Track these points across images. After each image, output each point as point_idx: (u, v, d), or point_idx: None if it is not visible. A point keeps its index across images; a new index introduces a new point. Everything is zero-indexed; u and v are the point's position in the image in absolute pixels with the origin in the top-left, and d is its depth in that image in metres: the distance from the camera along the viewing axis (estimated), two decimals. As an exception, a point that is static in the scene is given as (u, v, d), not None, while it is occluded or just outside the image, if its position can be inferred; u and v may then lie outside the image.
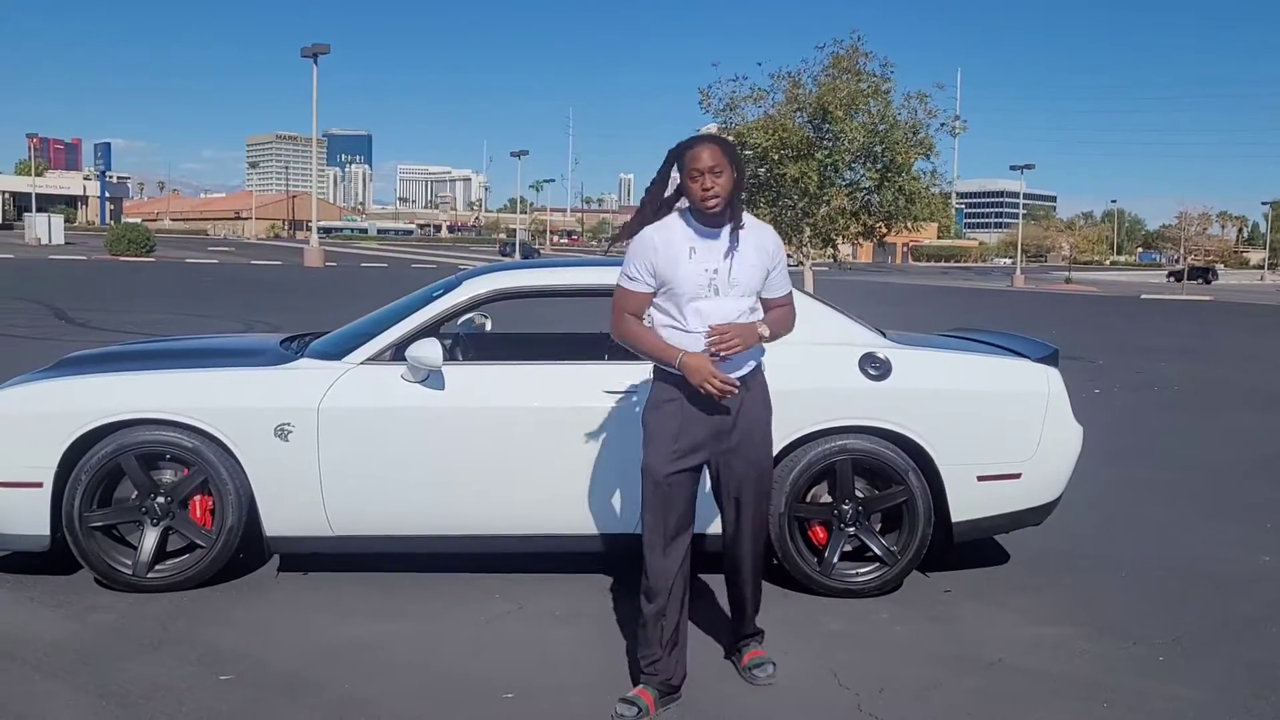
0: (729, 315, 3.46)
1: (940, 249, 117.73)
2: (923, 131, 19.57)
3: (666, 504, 3.53)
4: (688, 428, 3.52)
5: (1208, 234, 64.58)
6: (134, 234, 48.46)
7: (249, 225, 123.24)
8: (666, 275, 3.47)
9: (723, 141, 3.59)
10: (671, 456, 3.52)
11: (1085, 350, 16.69)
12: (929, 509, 4.68)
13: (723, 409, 3.51)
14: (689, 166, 3.43)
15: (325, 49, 47.49)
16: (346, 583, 4.80)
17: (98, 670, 3.80)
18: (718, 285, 3.47)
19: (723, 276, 3.47)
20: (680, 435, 3.52)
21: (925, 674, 3.93)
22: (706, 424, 3.52)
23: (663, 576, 3.56)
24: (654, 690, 3.58)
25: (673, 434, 3.52)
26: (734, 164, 3.47)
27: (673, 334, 3.50)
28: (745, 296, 3.52)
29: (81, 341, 13.25)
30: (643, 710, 3.50)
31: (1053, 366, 4.99)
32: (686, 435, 3.52)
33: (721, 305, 3.47)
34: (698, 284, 3.46)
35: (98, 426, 4.52)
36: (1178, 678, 3.94)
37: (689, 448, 3.53)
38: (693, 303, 3.46)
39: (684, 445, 3.52)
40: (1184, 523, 6.28)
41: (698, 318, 3.46)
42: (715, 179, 3.40)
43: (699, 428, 3.52)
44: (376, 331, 4.78)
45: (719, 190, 3.41)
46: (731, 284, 3.48)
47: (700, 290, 3.46)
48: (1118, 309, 34.16)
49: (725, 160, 3.43)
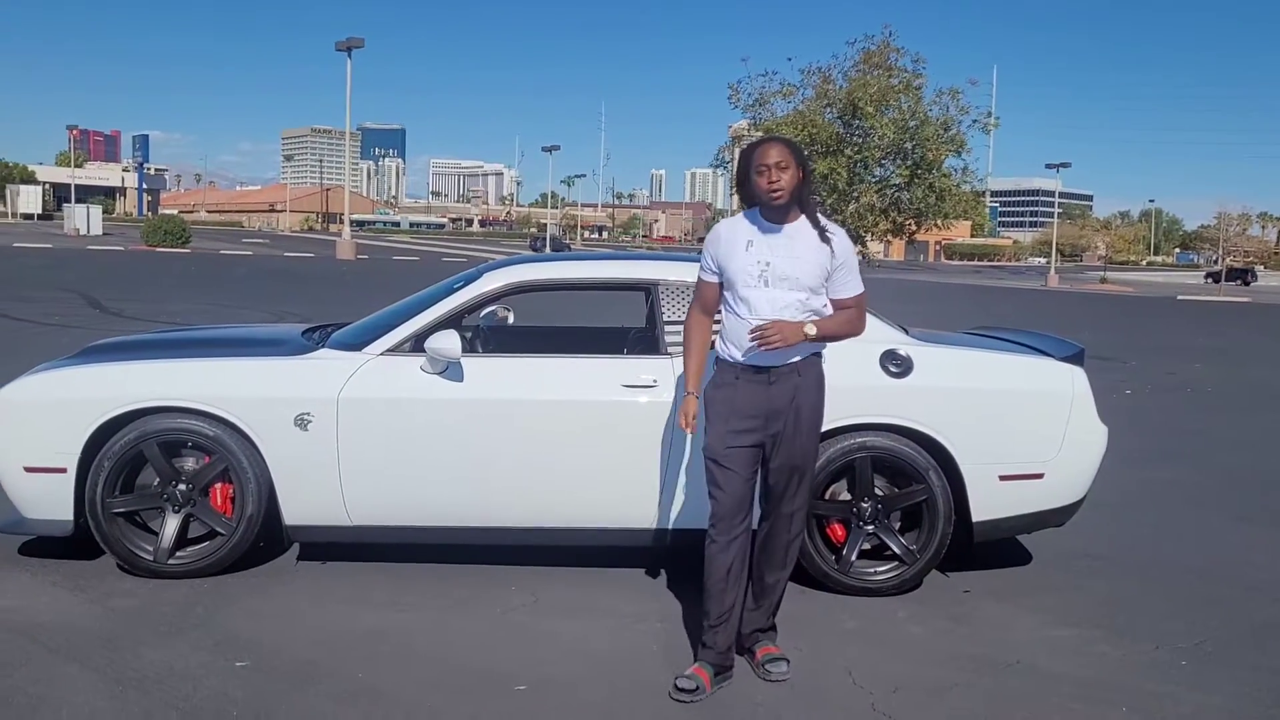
0: (776, 306, 3.61)
1: (973, 248, 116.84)
2: (954, 128, 19.44)
3: (725, 482, 3.69)
4: (740, 407, 3.69)
5: (1247, 234, 63.68)
6: (170, 225, 49.04)
7: (283, 218, 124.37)
8: (724, 265, 3.71)
9: (789, 142, 3.79)
10: (726, 435, 3.69)
11: (1117, 351, 16.50)
12: (949, 508, 4.63)
13: (777, 394, 3.67)
14: (757, 163, 3.64)
15: (360, 43, 47.83)
16: (364, 572, 4.82)
17: (116, 655, 3.84)
18: (768, 278, 3.64)
19: (774, 269, 3.63)
20: (732, 415, 3.69)
21: (941, 674, 3.89)
22: (759, 405, 3.69)
23: (722, 556, 3.71)
24: (710, 668, 3.68)
25: (725, 415, 3.70)
26: (800, 163, 3.67)
27: (731, 320, 3.71)
28: (796, 290, 3.64)
29: (115, 331, 13.40)
30: (700, 688, 3.61)
31: (1078, 366, 4.93)
32: (739, 415, 3.69)
33: (769, 296, 3.62)
34: (749, 275, 3.65)
35: (121, 414, 4.56)
36: (1200, 684, 3.88)
37: (742, 427, 3.69)
38: (743, 291, 3.66)
39: (736, 425, 3.69)
40: (1210, 526, 6.19)
41: (746, 307, 3.65)
42: (781, 173, 3.59)
43: (752, 408, 3.68)
44: (397, 323, 4.79)
45: (783, 184, 3.60)
46: (781, 277, 3.62)
47: (750, 281, 3.64)
48: (1153, 310, 33.75)
49: (790, 158, 3.63)
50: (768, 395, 3.68)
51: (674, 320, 4.69)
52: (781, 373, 3.68)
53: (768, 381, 3.67)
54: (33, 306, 17.33)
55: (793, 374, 3.68)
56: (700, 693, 3.60)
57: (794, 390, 3.68)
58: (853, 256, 3.79)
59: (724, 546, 3.69)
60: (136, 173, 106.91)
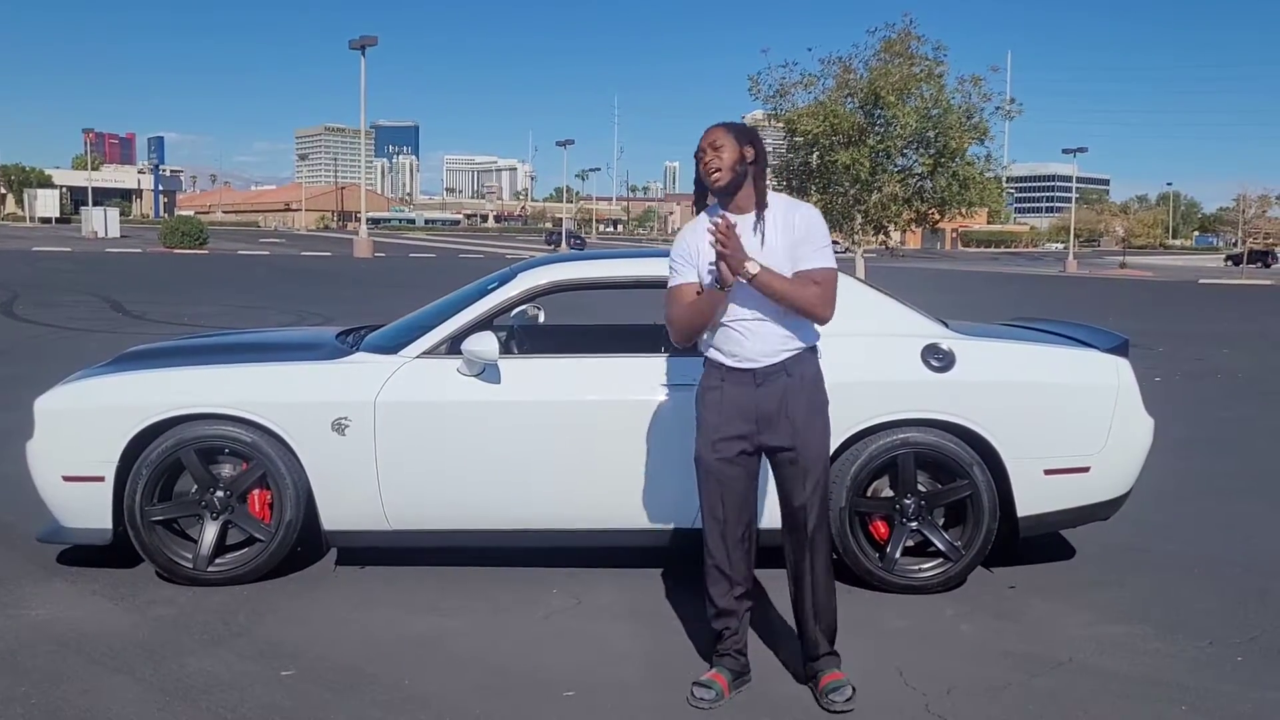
0: (753, 295, 3.42)
1: (990, 234, 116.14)
2: (977, 116, 19.28)
3: (716, 490, 3.56)
4: (729, 414, 3.52)
5: (1267, 216, 62.96)
6: (187, 226, 49.24)
7: (299, 217, 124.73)
8: (695, 263, 3.52)
9: (730, 124, 3.59)
10: (714, 443, 3.54)
11: (1144, 337, 16.33)
12: (994, 503, 4.56)
13: (764, 396, 3.49)
14: (697, 152, 3.53)
15: (373, 41, 47.91)
16: (404, 577, 4.79)
17: (160, 664, 3.82)
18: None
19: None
20: (722, 423, 3.53)
21: (994, 674, 3.83)
22: (748, 411, 3.51)
23: (721, 564, 3.60)
24: (727, 673, 3.60)
25: (715, 422, 3.55)
26: (742, 142, 3.48)
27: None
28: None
29: (138, 334, 13.46)
30: (718, 694, 3.53)
31: (1123, 357, 4.85)
32: (729, 423, 3.52)
33: (746, 288, 3.41)
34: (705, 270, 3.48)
35: (158, 421, 4.54)
36: (1259, 679, 3.80)
37: (732, 434, 3.53)
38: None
39: (726, 432, 3.53)
40: (1254, 516, 6.10)
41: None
42: (716, 153, 3.46)
43: (740, 414, 3.52)
44: (432, 325, 4.76)
45: (720, 163, 3.45)
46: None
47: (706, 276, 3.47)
48: (1175, 294, 33.48)
49: (728, 137, 3.47)
50: (754, 398, 3.49)
51: (712, 318, 4.64)
52: (768, 373, 3.48)
53: (754, 383, 3.48)
54: (56, 311, 17.42)
55: (779, 374, 3.48)
56: (719, 699, 3.51)
57: (783, 391, 3.48)
58: (817, 230, 3.50)
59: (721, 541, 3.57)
60: (152, 174, 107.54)
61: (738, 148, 3.46)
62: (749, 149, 3.49)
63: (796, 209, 3.56)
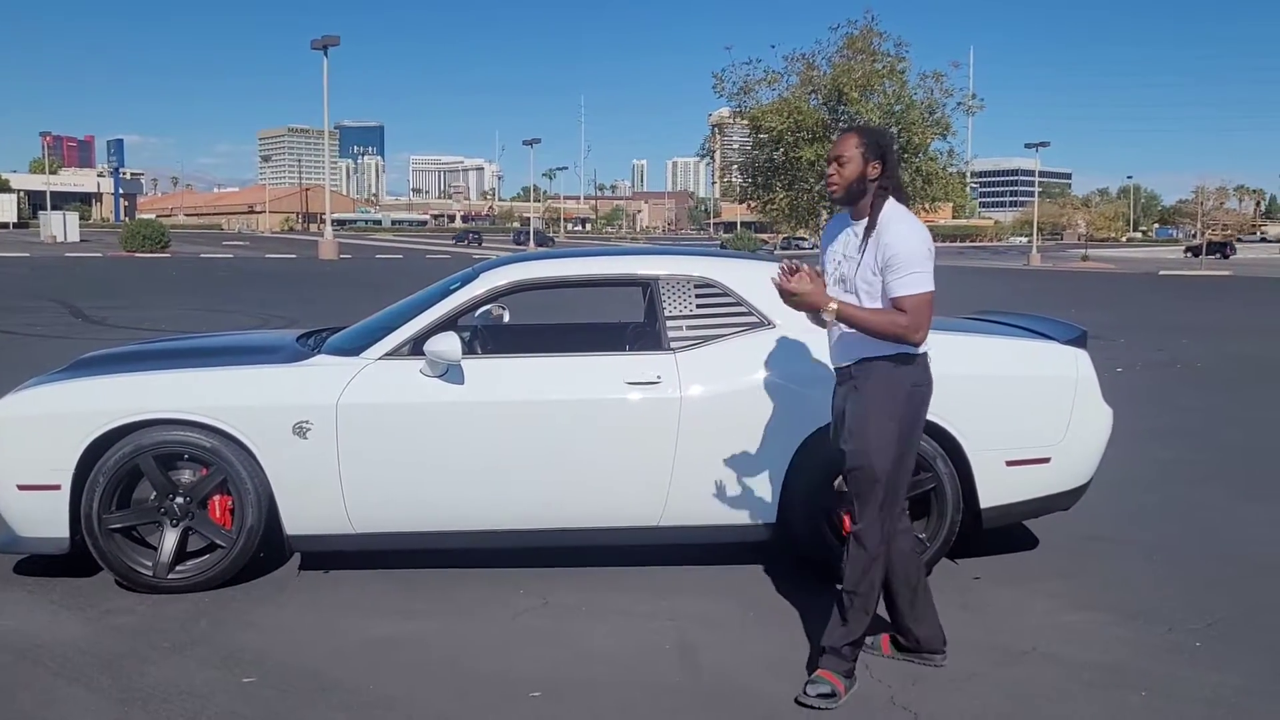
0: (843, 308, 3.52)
1: (955, 229, 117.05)
2: (939, 111, 19.44)
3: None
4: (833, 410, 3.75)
5: (1225, 208, 63.90)
6: (149, 230, 48.55)
7: (263, 219, 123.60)
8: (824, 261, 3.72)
9: (858, 131, 3.65)
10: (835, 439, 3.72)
11: (1105, 329, 16.51)
12: (958, 495, 4.60)
13: (839, 397, 3.67)
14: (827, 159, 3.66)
15: (335, 41, 47.45)
16: (368, 580, 4.75)
17: (120, 674, 3.76)
18: (834, 277, 3.61)
19: (837, 270, 3.60)
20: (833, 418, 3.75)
21: (959, 664, 3.85)
22: (835, 410, 3.73)
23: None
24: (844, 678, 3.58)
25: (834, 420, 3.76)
26: (873, 158, 3.50)
27: None
28: (849, 295, 3.52)
29: (99, 339, 13.28)
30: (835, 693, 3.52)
31: (1081, 349, 4.90)
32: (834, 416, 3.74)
33: (841, 298, 3.52)
34: (827, 274, 3.63)
35: (115, 427, 4.47)
36: (1216, 665, 3.86)
37: (833, 433, 3.73)
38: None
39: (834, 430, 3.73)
40: (1214, 504, 6.18)
41: None
42: (839, 169, 3.54)
43: (832, 411, 3.75)
44: (394, 326, 4.72)
45: (837, 180, 3.54)
46: (838, 279, 3.58)
47: (829, 281, 3.60)
48: (1136, 286, 33.86)
49: (851, 149, 3.51)
50: (836, 398, 3.70)
51: (675, 315, 4.64)
52: (842, 376, 3.66)
53: (839, 383, 3.68)
54: (13, 318, 17.12)
55: (847, 378, 3.61)
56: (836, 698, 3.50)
57: (848, 394, 3.61)
58: (905, 252, 3.40)
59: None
60: (112, 178, 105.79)
61: (862, 164, 3.50)
62: (874, 166, 3.50)
63: (888, 230, 3.45)
